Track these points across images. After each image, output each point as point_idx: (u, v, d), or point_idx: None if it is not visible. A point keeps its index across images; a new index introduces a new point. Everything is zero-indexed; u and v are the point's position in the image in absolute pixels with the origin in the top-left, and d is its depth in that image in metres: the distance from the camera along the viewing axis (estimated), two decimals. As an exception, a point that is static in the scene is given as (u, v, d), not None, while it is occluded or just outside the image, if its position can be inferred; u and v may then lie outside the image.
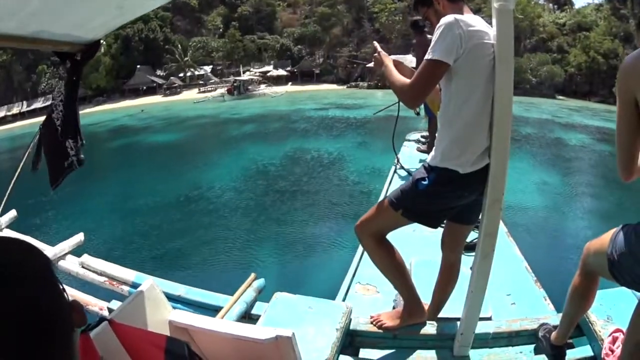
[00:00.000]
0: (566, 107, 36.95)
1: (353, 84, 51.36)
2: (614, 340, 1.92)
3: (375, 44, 2.23)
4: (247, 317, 2.49)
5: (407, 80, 1.82)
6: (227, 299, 2.52)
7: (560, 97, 44.61)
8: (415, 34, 4.90)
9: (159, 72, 53.69)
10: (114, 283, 2.77)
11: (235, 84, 48.04)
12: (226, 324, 1.70)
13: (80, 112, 2.26)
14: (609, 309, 2.15)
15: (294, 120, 28.37)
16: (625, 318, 1.58)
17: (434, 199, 1.90)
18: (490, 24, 1.72)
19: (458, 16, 1.70)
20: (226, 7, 58.36)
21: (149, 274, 2.93)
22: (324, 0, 56.81)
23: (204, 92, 49.08)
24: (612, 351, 1.89)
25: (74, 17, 1.68)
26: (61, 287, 0.65)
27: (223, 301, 2.54)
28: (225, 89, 47.99)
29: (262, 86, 51.00)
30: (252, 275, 2.73)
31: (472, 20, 1.73)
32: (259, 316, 2.32)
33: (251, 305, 2.54)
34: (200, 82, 52.75)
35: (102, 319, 1.08)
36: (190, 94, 48.61)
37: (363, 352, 2.24)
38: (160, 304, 1.68)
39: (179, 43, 53.24)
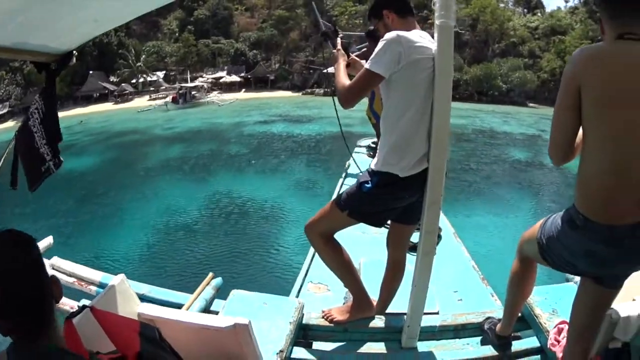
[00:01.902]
0: (546, 116, 34.42)
1: (309, 90, 48.65)
2: (560, 331, 2.06)
3: (339, 40, 2.30)
4: (207, 313, 2.52)
5: (347, 83, 1.96)
6: (188, 297, 2.60)
7: (532, 104, 42.21)
8: (369, 42, 4.19)
9: (112, 79, 50.94)
10: (83, 284, 2.74)
11: (180, 92, 44.99)
12: (189, 315, 1.87)
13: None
14: (554, 303, 2.30)
15: (230, 139, 23.75)
16: (569, 311, 1.76)
17: (377, 201, 2.04)
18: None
19: (401, 33, 1.84)
20: (183, 11, 55.65)
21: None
22: (282, 3, 54.24)
23: (154, 99, 46.36)
24: (558, 341, 2.03)
25: (53, 30, 1.80)
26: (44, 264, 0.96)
27: (184, 299, 2.59)
28: (170, 97, 44.90)
29: (214, 93, 48.33)
30: (210, 274, 2.82)
31: (415, 36, 1.86)
32: (218, 312, 2.42)
33: (210, 302, 2.61)
34: (152, 88, 50.03)
35: (84, 306, 1.20)
36: (141, 101, 45.96)
37: (316, 345, 2.33)
38: (130, 297, 1.89)
39: (132, 48, 50.66)
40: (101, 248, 9.03)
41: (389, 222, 2.30)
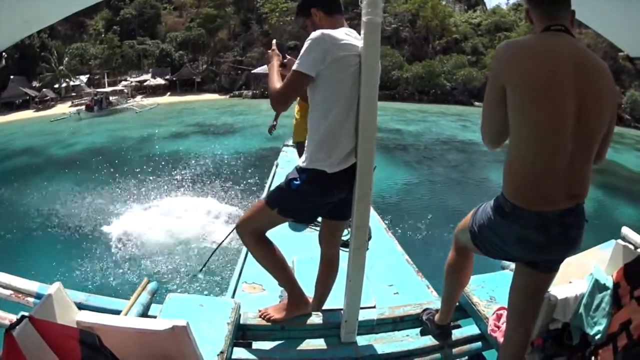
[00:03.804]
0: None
1: (237, 93, 45.29)
2: (499, 317, 2.16)
3: (275, 42, 2.29)
4: (145, 317, 2.49)
5: (279, 85, 1.99)
6: (125, 303, 2.53)
7: (478, 103, 39.80)
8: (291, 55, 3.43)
9: (35, 83, 46.62)
10: (20, 295, 2.57)
11: (95, 98, 40.50)
12: (128, 320, 1.87)
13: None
14: (491, 291, 2.41)
15: (131, 162, 16.79)
16: (506, 298, 1.80)
17: (306, 197, 2.05)
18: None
19: (326, 31, 1.89)
20: (110, 10, 51.90)
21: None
22: (211, 2, 51.04)
23: (76, 105, 41.89)
24: (498, 327, 2.11)
25: None
26: None
27: (121, 305, 2.51)
28: (85, 103, 40.53)
29: (139, 97, 44.47)
30: (145, 279, 2.78)
31: (340, 34, 1.92)
32: (155, 317, 2.40)
33: (147, 307, 2.55)
34: (74, 94, 45.79)
35: (23, 316, 1.17)
36: (64, 108, 41.66)
37: (255, 345, 2.34)
38: (68, 306, 1.80)
39: (55, 50, 46.59)
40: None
41: (319, 219, 2.34)
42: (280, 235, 2.35)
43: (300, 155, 4.82)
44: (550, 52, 1.44)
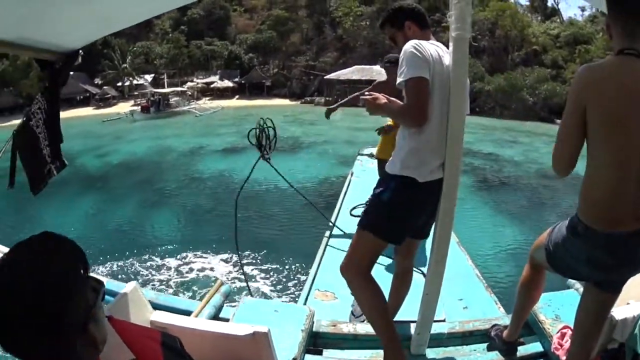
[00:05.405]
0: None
1: (308, 99, 43.11)
2: (562, 335, 2.17)
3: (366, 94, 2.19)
4: (217, 320, 2.50)
5: (402, 105, 1.97)
6: (195, 304, 2.58)
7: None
8: (392, 69, 3.78)
9: (97, 81, 46.62)
10: None
11: (152, 99, 39.43)
12: (205, 323, 1.86)
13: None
14: (557, 309, 2.38)
15: (165, 185, 14.86)
16: (572, 316, 1.84)
17: (399, 207, 2.01)
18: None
19: (422, 42, 1.91)
20: (177, 10, 50.78)
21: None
22: (283, 4, 50.02)
23: (139, 104, 41.24)
24: (561, 345, 2.13)
25: (59, 26, 1.76)
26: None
27: (191, 305, 2.57)
28: (140, 105, 39.50)
29: (205, 99, 43.44)
30: (219, 281, 2.82)
31: (432, 46, 1.94)
32: (228, 319, 2.40)
33: (219, 309, 2.59)
34: (136, 93, 45.11)
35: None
36: (125, 106, 41.05)
37: (326, 352, 2.35)
38: (142, 305, 1.82)
39: (118, 48, 45.90)
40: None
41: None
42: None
43: (381, 173, 4.48)
44: (631, 79, 1.46)
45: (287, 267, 7.05)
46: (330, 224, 4.74)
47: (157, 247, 8.88)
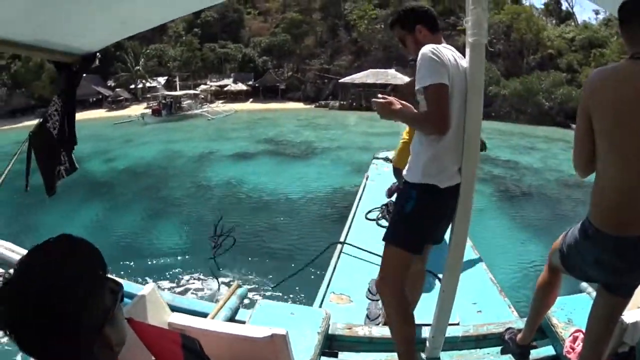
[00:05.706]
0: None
1: (323, 102, 42.93)
2: (575, 339, 2.19)
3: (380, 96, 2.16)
4: (233, 322, 2.51)
5: (422, 113, 1.95)
6: (211, 306, 2.59)
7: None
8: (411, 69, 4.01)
9: (110, 83, 46.77)
10: None
11: (164, 102, 38.98)
12: (223, 325, 1.86)
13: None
14: (569, 313, 2.41)
15: (169, 193, 14.07)
16: (584, 320, 1.88)
17: (424, 216, 1.99)
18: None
19: (439, 46, 1.88)
20: (192, 13, 50.84)
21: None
22: (297, 7, 50.11)
23: (151, 107, 40.93)
24: (573, 349, 2.15)
25: (77, 29, 1.77)
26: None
27: (207, 307, 2.57)
28: (151, 108, 39.06)
29: (218, 102, 43.20)
30: (236, 283, 2.83)
31: (449, 51, 1.92)
32: (244, 322, 2.43)
33: (235, 311, 2.60)
34: (149, 95, 45.06)
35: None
36: (138, 109, 41.04)
37: (342, 355, 2.39)
38: (160, 307, 1.80)
39: (131, 50, 46.00)
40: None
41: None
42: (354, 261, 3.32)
43: (398, 180, 4.38)
44: (635, 79, 1.48)
45: (301, 273, 6.96)
46: (346, 227, 4.70)
47: (170, 252, 8.80)
